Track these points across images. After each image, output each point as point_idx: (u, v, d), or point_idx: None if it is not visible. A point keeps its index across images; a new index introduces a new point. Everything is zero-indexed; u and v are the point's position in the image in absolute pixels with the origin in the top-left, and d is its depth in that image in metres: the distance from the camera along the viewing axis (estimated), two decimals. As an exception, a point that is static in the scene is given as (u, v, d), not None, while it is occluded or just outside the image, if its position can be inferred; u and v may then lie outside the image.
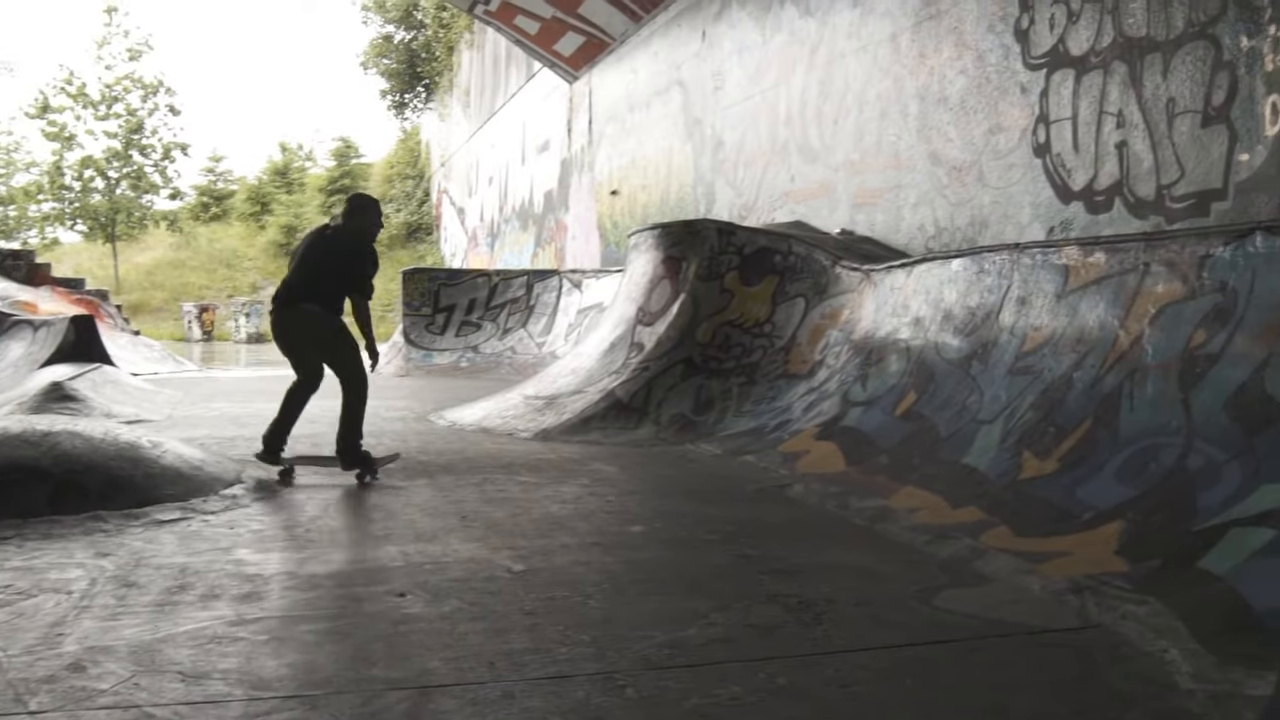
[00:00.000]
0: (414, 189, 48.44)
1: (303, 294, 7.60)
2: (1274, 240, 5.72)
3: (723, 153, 16.28)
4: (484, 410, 11.45)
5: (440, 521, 6.34)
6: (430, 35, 42.10)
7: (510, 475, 7.93)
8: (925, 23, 10.90)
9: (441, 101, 43.04)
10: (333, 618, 4.33)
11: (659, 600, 4.69)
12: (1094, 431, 6.15)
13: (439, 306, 20.26)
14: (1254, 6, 7.05)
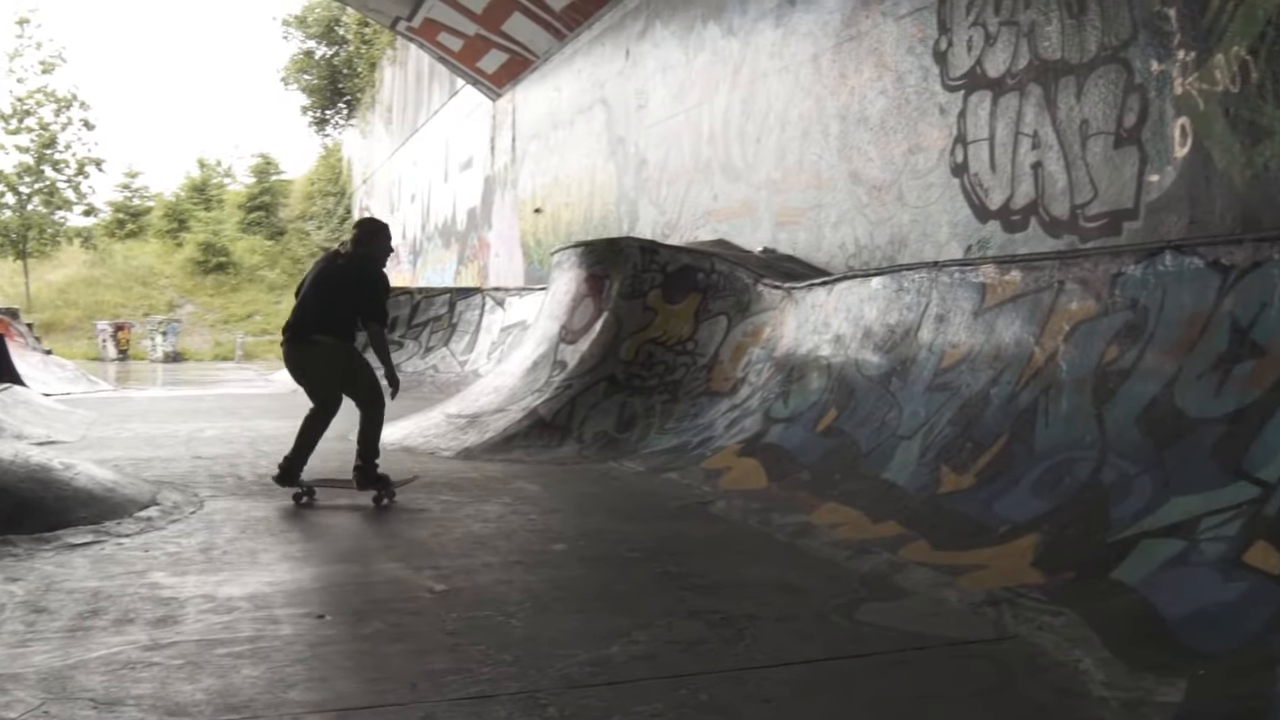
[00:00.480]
0: (335, 206, 47.98)
1: (315, 324, 7.48)
2: (1183, 259, 5.86)
3: (646, 171, 16.33)
4: (406, 429, 11.35)
5: (361, 541, 6.27)
6: (352, 51, 41.79)
7: (432, 494, 7.86)
8: (846, 44, 11.04)
9: (363, 118, 42.73)
10: (250, 640, 4.25)
11: (581, 618, 4.68)
12: (1010, 446, 6.24)
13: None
14: (1163, 32, 7.23)
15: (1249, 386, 5.07)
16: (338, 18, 42.32)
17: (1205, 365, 5.38)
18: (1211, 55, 6.85)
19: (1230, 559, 4.38)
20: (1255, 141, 6.56)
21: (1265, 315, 5.22)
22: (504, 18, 20.27)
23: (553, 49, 20.18)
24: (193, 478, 8.52)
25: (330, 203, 48.39)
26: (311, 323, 7.49)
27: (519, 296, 19.06)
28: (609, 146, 17.79)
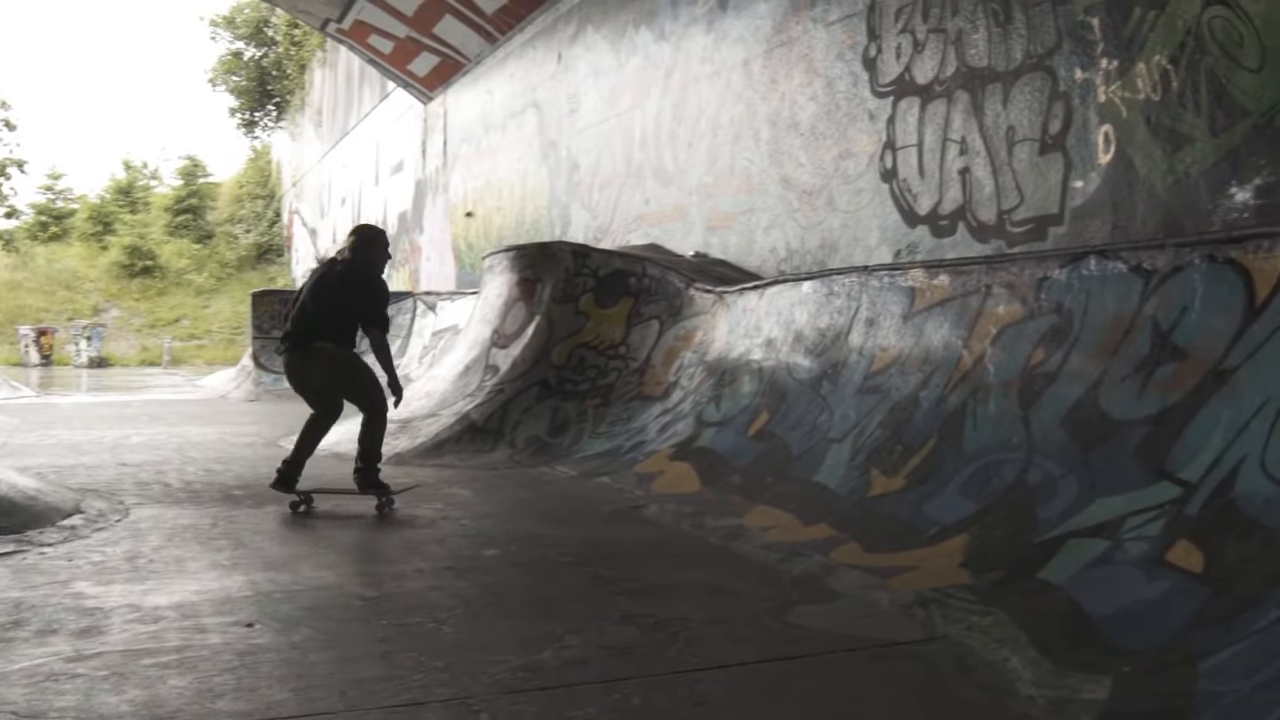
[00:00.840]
0: (264, 209, 47.41)
1: (315, 331, 7.41)
2: (1106, 263, 5.97)
3: (578, 175, 16.32)
4: (336, 435, 11.15)
5: (291, 548, 6.19)
6: (281, 53, 41.31)
7: (363, 500, 7.78)
8: (777, 49, 11.10)
9: (293, 120, 42.26)
10: (177, 650, 4.18)
11: (513, 624, 4.66)
12: (939, 449, 6.31)
13: (290, 329, 19.80)
14: (1087, 41, 7.36)
15: (1170, 389, 5.17)
16: (267, 19, 41.82)
17: (1128, 368, 5.47)
18: (1133, 64, 6.99)
19: (1153, 558, 4.46)
20: (1176, 149, 6.69)
21: (1186, 319, 5.33)
22: (435, 20, 20.14)
23: (484, 52, 20.10)
24: (118, 485, 8.37)
25: (259, 205, 47.78)
26: (311, 330, 7.43)
27: (451, 301, 18.95)
28: (541, 150, 17.75)
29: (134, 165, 52.96)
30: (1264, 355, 4.81)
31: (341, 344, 7.45)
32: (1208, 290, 5.29)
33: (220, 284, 43.83)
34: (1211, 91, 6.46)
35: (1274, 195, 6.05)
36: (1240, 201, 6.26)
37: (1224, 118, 6.37)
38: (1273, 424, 4.51)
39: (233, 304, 40.72)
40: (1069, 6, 7.49)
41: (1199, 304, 5.30)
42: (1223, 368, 4.97)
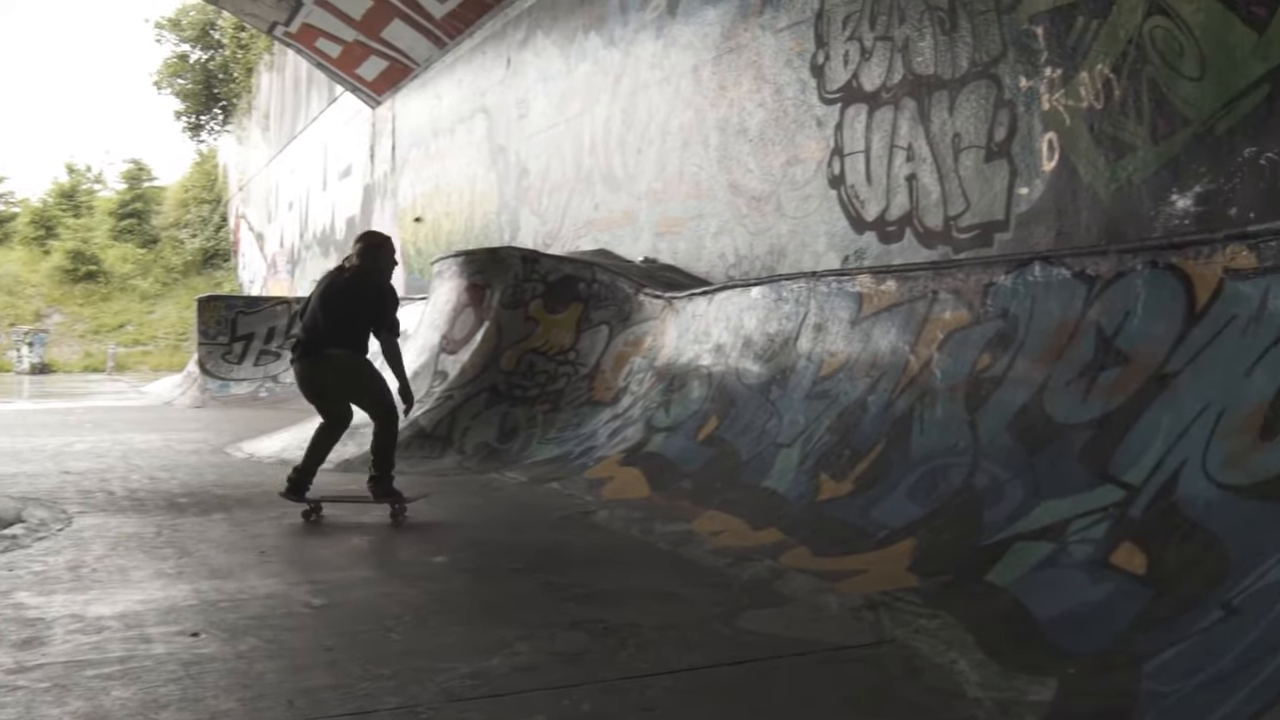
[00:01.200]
0: (210, 214, 46.86)
1: (327, 339, 7.35)
2: (1051, 269, 6.04)
3: (527, 180, 16.28)
4: (284, 441, 11.13)
5: (237, 557, 6.12)
6: (228, 56, 40.86)
7: (297, 507, 7.72)
8: (726, 55, 11.14)
9: (240, 124, 41.83)
10: (121, 661, 4.11)
11: (462, 631, 4.63)
12: (887, 453, 6.35)
13: (236, 335, 19.63)
14: (1031, 49, 7.44)
15: (1114, 393, 5.23)
16: (213, 21, 41.33)
17: (1073, 373, 5.54)
18: (1077, 73, 7.08)
19: (1097, 560, 4.51)
20: (1118, 156, 6.79)
21: (1128, 324, 5.40)
22: (384, 24, 20.03)
23: (433, 56, 20.01)
24: (61, 493, 8.24)
25: (205, 210, 47.22)
26: (324, 338, 7.37)
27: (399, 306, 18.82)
28: (490, 155, 17.70)
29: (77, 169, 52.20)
30: (1204, 360, 4.89)
31: (354, 350, 7.42)
32: (1149, 296, 5.37)
33: (166, 289, 43.27)
34: (1153, 100, 6.56)
35: (1214, 202, 6.16)
36: (1181, 208, 6.36)
37: (1165, 126, 6.47)
38: (1213, 428, 4.58)
39: (178, 309, 40.23)
40: (1014, 15, 7.58)
41: (1141, 309, 5.38)
42: (1164, 372, 5.04)
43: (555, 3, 15.38)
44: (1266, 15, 5.89)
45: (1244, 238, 4.99)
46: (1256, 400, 4.48)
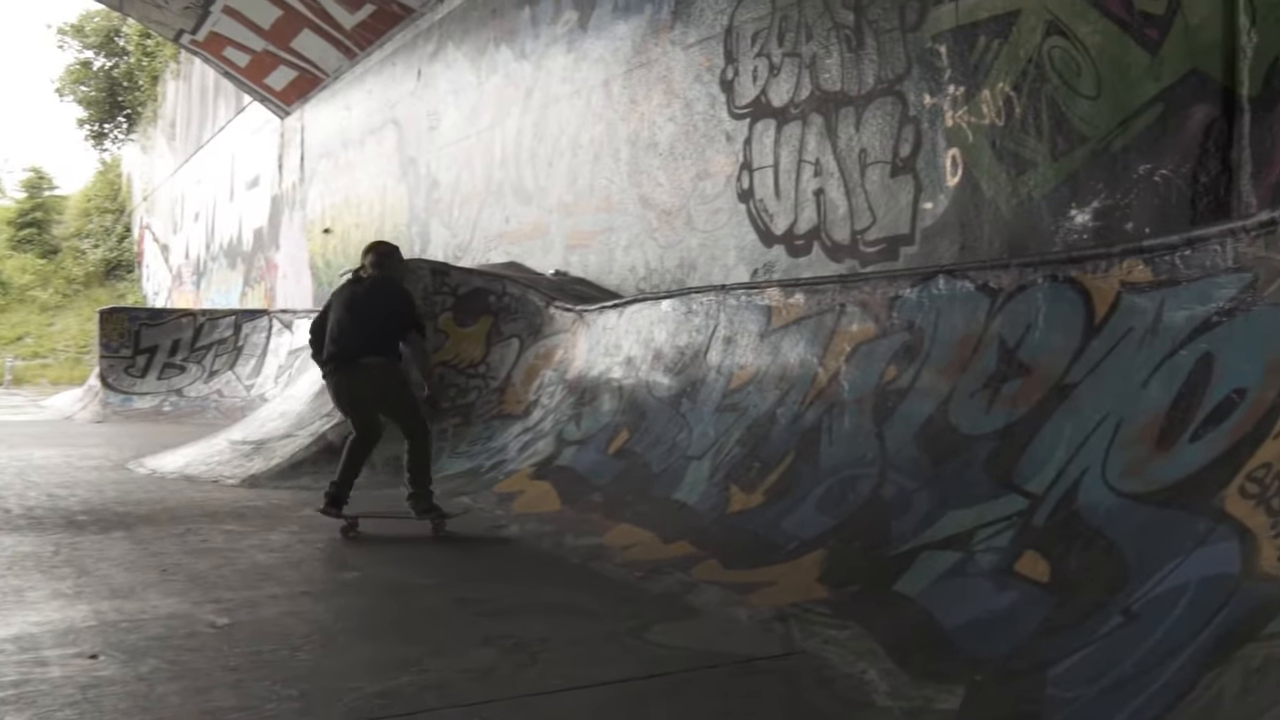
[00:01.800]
0: (114, 224, 45.82)
1: (361, 347, 7.28)
2: (955, 283, 6.15)
3: (438, 192, 16.18)
4: (187, 456, 10.93)
5: (138, 576, 5.98)
6: (133, 63, 40.02)
7: (215, 524, 7.58)
8: (636, 70, 11.18)
9: (144, 133, 40.99)
10: (15, 685, 3.99)
11: (371, 648, 4.58)
12: (796, 465, 6.41)
13: (140, 348, 19.21)
14: (935, 67, 7.58)
15: (1017, 403, 5.34)
16: (118, 28, 40.48)
17: (977, 384, 5.64)
18: (979, 90, 7.22)
19: (1002, 568, 4.59)
20: (1019, 172, 6.93)
21: (1030, 336, 5.52)
22: (293, 34, 19.79)
23: (343, 67, 19.82)
24: (-49, 512, 8.00)
25: (109, 220, 46.16)
26: (357, 346, 7.31)
27: (308, 319, 18.57)
28: (400, 167, 17.57)
29: (-27, 177, 50.83)
30: (1103, 371, 5.01)
31: (388, 357, 7.41)
32: (1050, 308, 5.49)
33: (67, 301, 42.18)
34: (1052, 118, 6.71)
35: (1111, 217, 6.31)
36: (1080, 223, 6.51)
37: (1064, 143, 6.63)
38: (1112, 437, 4.69)
39: (80, 322, 39.25)
40: (918, 34, 7.71)
41: (1042, 321, 5.50)
42: (1065, 383, 5.15)
43: (466, 15, 15.32)
44: (1159, 37, 6.06)
45: (1140, 252, 5.13)
46: (1153, 410, 4.59)
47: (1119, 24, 6.30)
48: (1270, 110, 5.56)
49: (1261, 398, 4.08)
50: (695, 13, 10.25)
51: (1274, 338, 4.19)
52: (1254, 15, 5.63)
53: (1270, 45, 5.56)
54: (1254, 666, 3.01)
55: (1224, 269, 4.64)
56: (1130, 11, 6.23)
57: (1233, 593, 3.45)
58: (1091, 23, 6.45)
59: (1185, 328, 4.68)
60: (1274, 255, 4.40)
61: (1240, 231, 4.61)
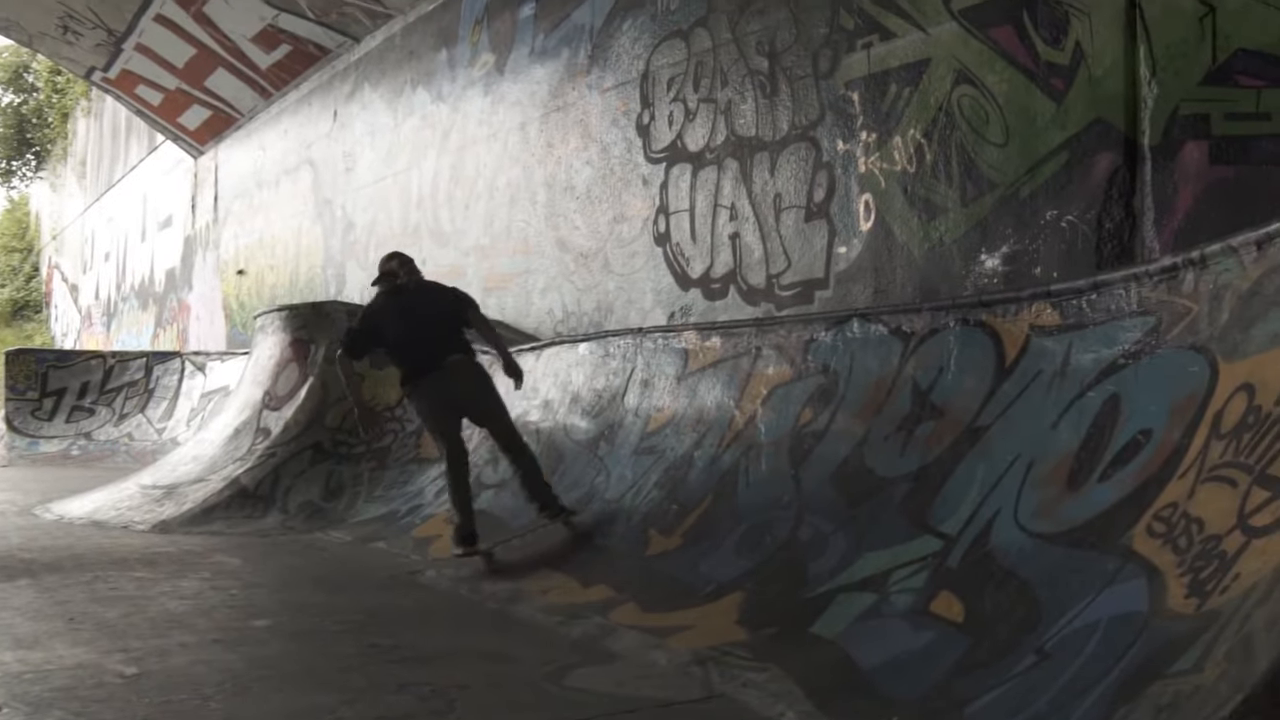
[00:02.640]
0: (21, 263, 44.78)
1: (441, 348, 7.24)
2: (869, 326, 6.23)
3: (354, 234, 16.07)
4: (96, 502, 10.68)
5: (43, 625, 5.82)
6: (42, 100, 39.30)
7: (124, 571, 7.40)
8: (553, 114, 11.23)
9: (54, 171, 40.20)
10: (-93, 740, 3.87)
11: (284, 697, 4.49)
12: (714, 507, 6.43)
13: (47, 390, 18.72)
14: (848, 114, 7.71)
15: (930, 445, 5.41)
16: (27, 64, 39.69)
17: (891, 426, 5.71)
18: (891, 137, 7.35)
19: (918, 609, 4.64)
20: (931, 218, 7.06)
21: (942, 379, 5.61)
22: (207, 73, 19.58)
23: (258, 107, 19.65)
24: None
25: (16, 259, 45.10)
26: (436, 348, 7.25)
27: (221, 361, 18.33)
28: (316, 208, 17.43)
29: None
30: (1014, 413, 5.10)
31: (466, 351, 7.44)
32: (961, 351, 5.59)
33: (-27, 339, 41.17)
34: (961, 165, 6.86)
35: (1019, 262, 6.45)
36: (990, 267, 6.64)
37: (973, 189, 6.77)
38: (1023, 478, 4.77)
39: (-16, 364, 38.23)
40: (831, 81, 7.84)
41: (954, 364, 5.59)
42: (977, 425, 5.24)
43: (383, 57, 15.29)
44: (1064, 87, 6.24)
45: (1047, 296, 5.25)
46: (1063, 451, 4.68)
47: (1025, 74, 6.47)
48: (1171, 159, 5.74)
49: (1167, 438, 4.17)
50: (612, 58, 10.34)
51: (1177, 380, 4.30)
52: (1154, 66, 5.82)
53: (1170, 96, 5.75)
54: (1163, 704, 3.07)
55: (1129, 313, 4.76)
56: (1036, 62, 6.40)
57: (1141, 631, 3.52)
58: (999, 72, 6.62)
59: (1092, 370, 4.79)
60: (1176, 299, 4.52)
61: (1144, 276, 4.74)
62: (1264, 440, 3.59)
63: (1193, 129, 5.66)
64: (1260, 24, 5.37)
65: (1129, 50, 5.94)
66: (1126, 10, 5.94)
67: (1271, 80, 5.35)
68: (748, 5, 8.68)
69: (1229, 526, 3.52)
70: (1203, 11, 5.58)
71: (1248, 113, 5.45)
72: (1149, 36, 5.84)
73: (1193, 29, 5.63)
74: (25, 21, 20.94)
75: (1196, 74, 5.64)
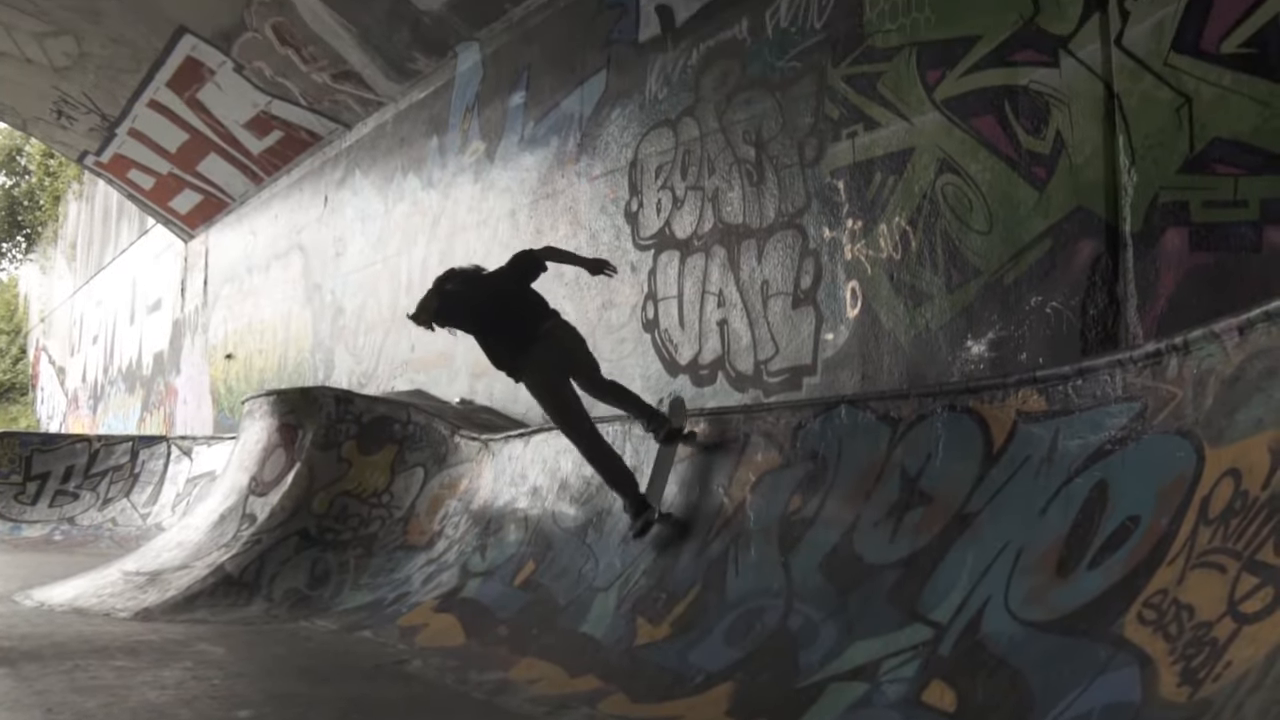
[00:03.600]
0: (8, 345, 44.75)
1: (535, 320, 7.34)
2: (856, 413, 6.24)
3: (343, 319, 16.11)
4: (78, 588, 10.56)
5: (20, 715, 5.71)
6: (34, 183, 39.57)
7: (105, 660, 7.29)
8: (542, 201, 11.33)
9: (44, 253, 40.35)
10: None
11: (265, 792, 4.41)
12: (703, 596, 6.38)
13: (31, 474, 18.61)
14: (834, 202, 7.80)
15: (920, 532, 5.39)
16: (20, 147, 40.03)
17: (880, 513, 5.69)
18: (876, 225, 7.43)
19: (910, 699, 4.59)
20: (917, 304, 7.11)
21: (931, 465, 5.60)
22: (200, 158, 19.77)
23: (249, 192, 19.81)
24: None
25: (3, 341, 45.10)
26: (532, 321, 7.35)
27: (207, 446, 18.26)
28: (305, 293, 17.49)
29: None
30: (1002, 499, 5.09)
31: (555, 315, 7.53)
32: (949, 437, 5.59)
33: (-39, 423, 40.97)
34: (946, 252, 6.93)
35: (1005, 348, 6.49)
36: (976, 354, 6.68)
37: (958, 276, 6.83)
38: (1013, 565, 4.75)
39: (-34, 447, 37.99)
40: (817, 169, 7.94)
41: (942, 450, 5.59)
42: (966, 511, 5.22)
43: (374, 144, 15.46)
44: (1046, 176, 6.33)
45: (1034, 382, 5.27)
46: (1052, 538, 4.67)
47: (1008, 162, 6.56)
48: (1152, 246, 5.81)
49: (1155, 525, 4.17)
50: (601, 146, 10.47)
51: (1164, 466, 4.31)
52: (1133, 155, 5.91)
53: (1149, 183, 5.83)
54: (1157, 797, 3.03)
55: (1114, 398, 4.78)
56: (1018, 150, 6.50)
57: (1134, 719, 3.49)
58: (981, 161, 6.71)
59: (1080, 456, 4.79)
60: (1161, 385, 4.54)
61: (1129, 362, 4.77)
62: (1251, 525, 3.59)
63: (1173, 216, 5.74)
64: (1236, 114, 5.47)
65: (1108, 139, 6.04)
66: (1105, 101, 6.05)
67: (1248, 168, 5.44)
68: (734, 95, 8.82)
69: (1220, 613, 3.50)
70: (1179, 102, 5.69)
71: (1226, 200, 5.53)
72: (1128, 126, 5.95)
73: (1170, 119, 5.73)
74: (20, 106, 21.17)
75: (1175, 162, 5.73)
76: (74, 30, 17.42)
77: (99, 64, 18.33)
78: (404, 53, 13.79)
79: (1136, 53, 5.92)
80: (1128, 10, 5.97)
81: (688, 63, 9.41)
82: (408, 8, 12.82)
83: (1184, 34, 5.70)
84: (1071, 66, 6.25)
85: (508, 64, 12.27)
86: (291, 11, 14.25)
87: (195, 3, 15.70)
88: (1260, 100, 5.37)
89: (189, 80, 17.61)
